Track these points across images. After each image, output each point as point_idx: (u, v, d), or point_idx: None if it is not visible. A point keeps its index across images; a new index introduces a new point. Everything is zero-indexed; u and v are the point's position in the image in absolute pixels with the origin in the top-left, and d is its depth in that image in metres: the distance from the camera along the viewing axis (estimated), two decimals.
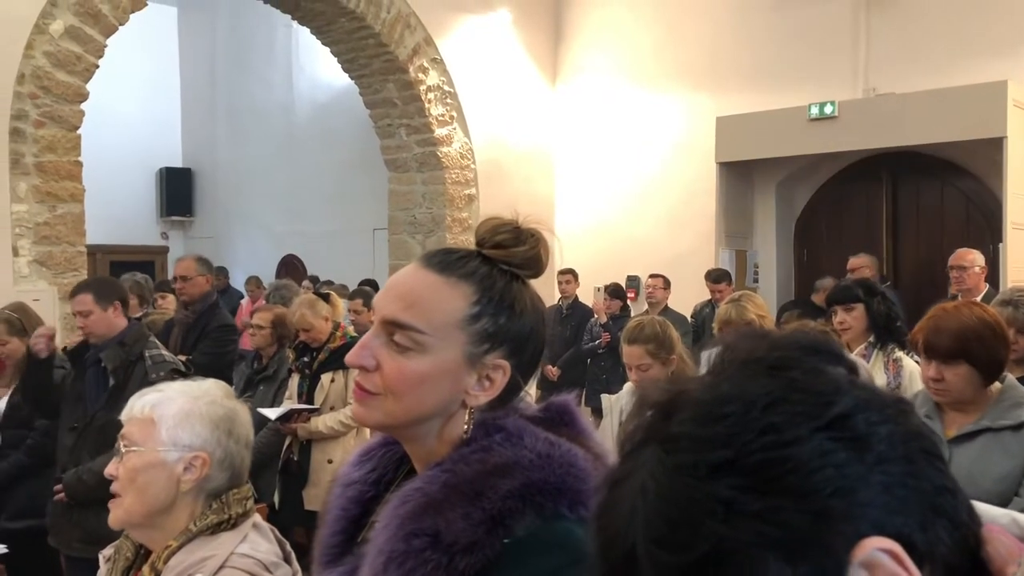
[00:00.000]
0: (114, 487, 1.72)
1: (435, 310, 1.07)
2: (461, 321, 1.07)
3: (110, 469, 1.74)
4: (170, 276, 8.51)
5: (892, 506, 0.58)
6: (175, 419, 1.71)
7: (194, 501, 1.71)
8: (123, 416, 1.76)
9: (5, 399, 4.13)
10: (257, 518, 1.79)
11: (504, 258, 1.11)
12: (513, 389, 1.11)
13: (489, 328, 1.08)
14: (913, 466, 0.60)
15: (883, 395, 0.62)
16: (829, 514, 0.56)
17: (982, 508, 0.67)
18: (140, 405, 1.74)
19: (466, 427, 1.08)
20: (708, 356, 0.65)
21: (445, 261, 1.10)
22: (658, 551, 0.58)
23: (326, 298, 4.68)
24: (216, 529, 1.70)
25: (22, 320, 4.14)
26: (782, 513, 0.56)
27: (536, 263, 1.13)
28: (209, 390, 1.79)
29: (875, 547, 0.56)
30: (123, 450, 1.72)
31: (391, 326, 1.08)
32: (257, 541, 1.73)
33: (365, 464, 1.20)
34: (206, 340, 5.16)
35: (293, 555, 1.81)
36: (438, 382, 1.07)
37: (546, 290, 7.64)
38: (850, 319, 3.76)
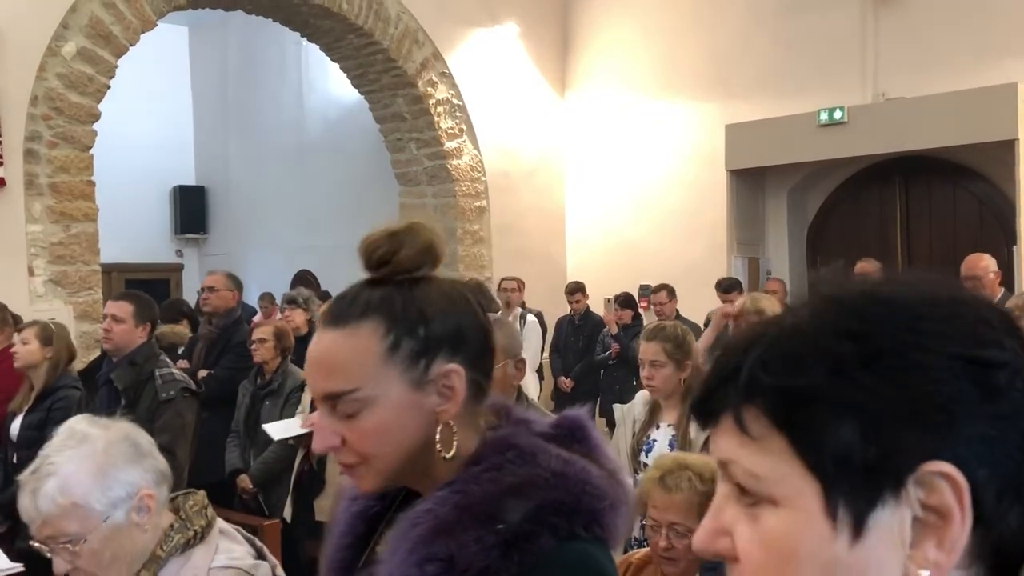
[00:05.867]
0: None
1: (352, 363, 1.03)
2: (382, 357, 1.03)
3: (61, 569, 1.61)
4: (198, 288, 8.60)
5: (983, 458, 0.58)
6: (96, 484, 1.60)
7: (156, 525, 1.66)
8: (33, 521, 1.60)
9: (20, 418, 4.14)
10: (221, 523, 1.75)
11: (392, 272, 1.06)
12: (479, 386, 1.07)
13: (413, 347, 1.04)
14: None
15: None
16: (923, 421, 0.57)
17: None
18: (46, 502, 1.58)
19: (456, 439, 1.05)
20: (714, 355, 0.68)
21: (338, 312, 1.06)
22: (760, 372, 0.61)
23: None
24: (185, 547, 1.65)
25: (52, 335, 4.14)
26: (884, 394, 0.57)
27: (426, 255, 1.07)
28: (91, 437, 1.65)
29: (943, 471, 0.56)
30: (72, 548, 1.58)
31: (328, 400, 1.04)
32: (230, 548, 1.69)
33: None
34: (228, 355, 5.23)
35: (266, 549, 1.77)
36: (401, 422, 1.04)
37: (558, 304, 7.64)
38: None
